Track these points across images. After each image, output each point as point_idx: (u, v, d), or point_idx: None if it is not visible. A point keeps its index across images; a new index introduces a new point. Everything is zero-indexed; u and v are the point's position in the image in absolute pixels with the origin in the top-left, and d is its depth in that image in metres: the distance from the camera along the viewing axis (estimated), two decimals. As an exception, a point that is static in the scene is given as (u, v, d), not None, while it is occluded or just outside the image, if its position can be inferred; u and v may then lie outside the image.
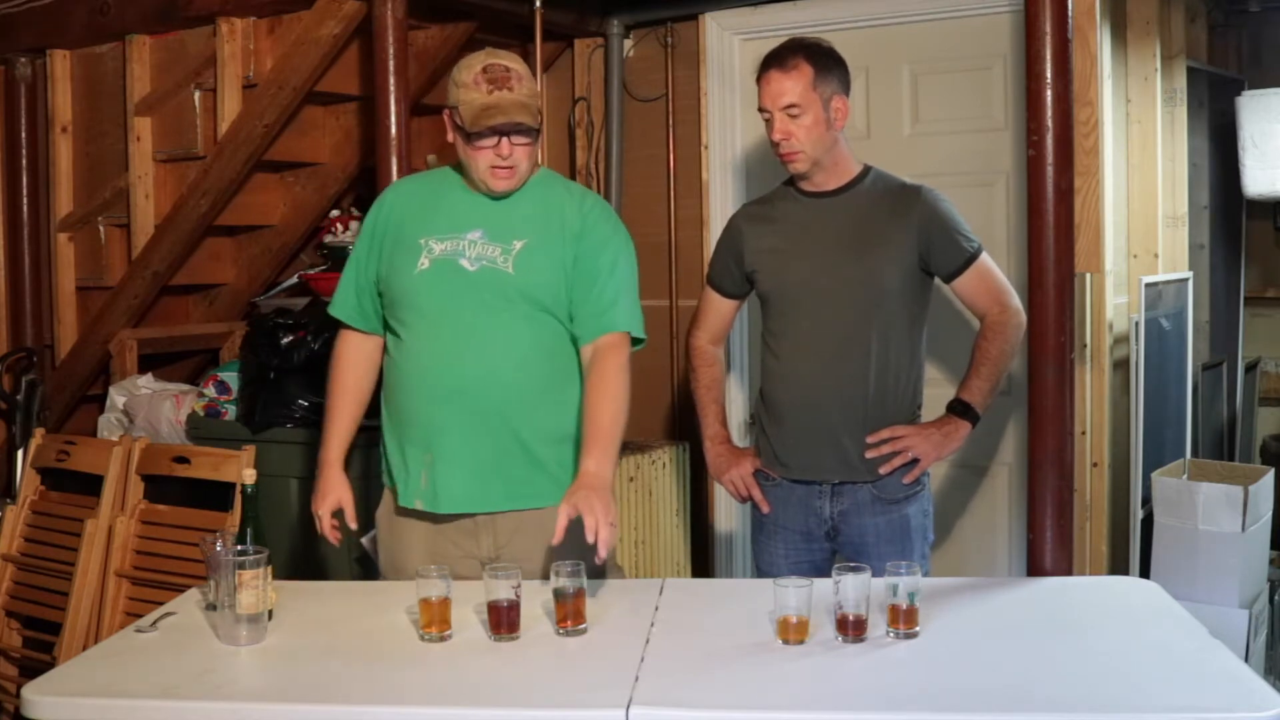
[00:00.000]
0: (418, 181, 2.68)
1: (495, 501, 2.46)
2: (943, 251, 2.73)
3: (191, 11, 3.86)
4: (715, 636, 2.13)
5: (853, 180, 2.77)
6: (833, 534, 2.77)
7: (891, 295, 2.70)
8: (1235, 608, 3.25)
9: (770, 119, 2.70)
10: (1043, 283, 2.49)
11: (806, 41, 2.73)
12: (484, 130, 2.36)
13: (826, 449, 2.73)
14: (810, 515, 2.77)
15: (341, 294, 2.60)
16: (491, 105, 2.35)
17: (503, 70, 2.38)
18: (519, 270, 2.42)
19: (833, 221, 2.74)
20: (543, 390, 2.46)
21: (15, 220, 4.44)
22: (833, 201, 2.76)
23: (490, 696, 1.90)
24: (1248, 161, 3.99)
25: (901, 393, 2.74)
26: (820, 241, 2.74)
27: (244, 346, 3.91)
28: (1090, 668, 1.93)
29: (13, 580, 3.42)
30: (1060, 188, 2.47)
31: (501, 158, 2.39)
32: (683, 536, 4.05)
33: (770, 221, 2.84)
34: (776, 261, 2.79)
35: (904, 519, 2.74)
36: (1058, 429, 2.49)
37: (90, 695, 1.94)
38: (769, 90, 2.69)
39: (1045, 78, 2.46)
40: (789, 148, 2.69)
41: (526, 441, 2.44)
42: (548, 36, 4.02)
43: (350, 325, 2.60)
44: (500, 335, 2.42)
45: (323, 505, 2.54)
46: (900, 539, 2.73)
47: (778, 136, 2.69)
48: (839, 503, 2.75)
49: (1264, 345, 4.69)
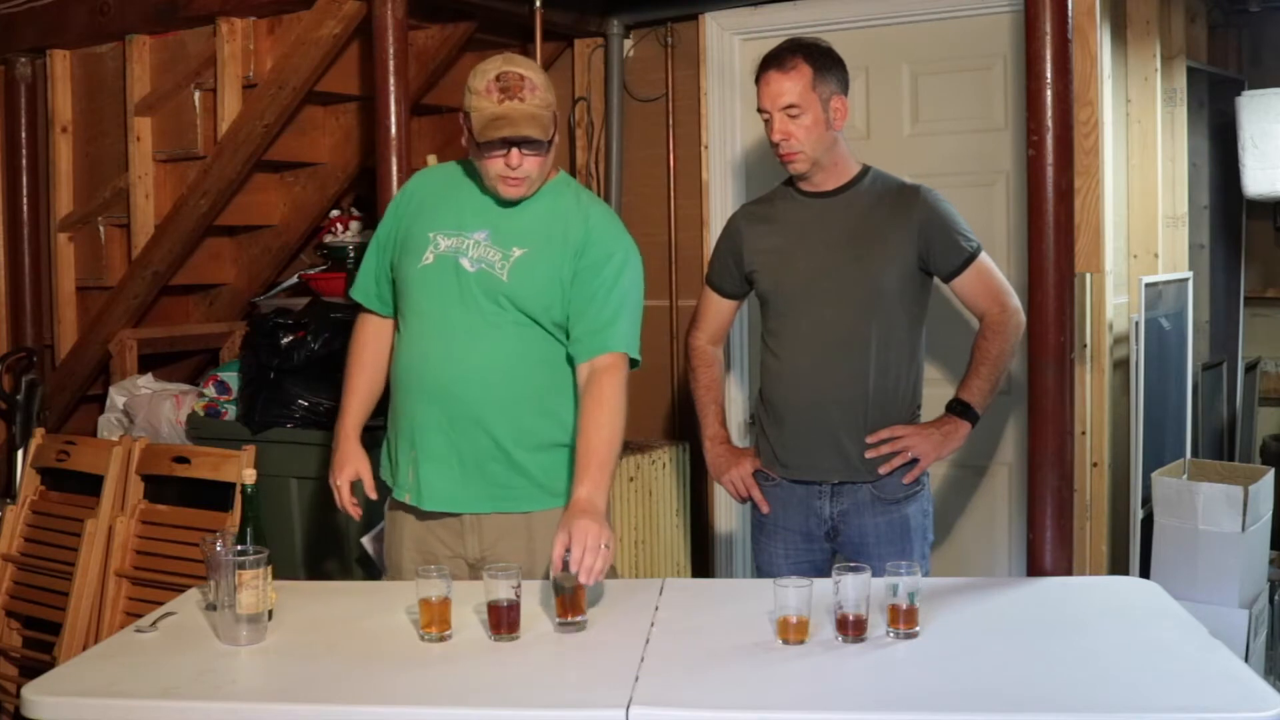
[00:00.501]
0: (442, 171, 2.61)
1: (477, 503, 2.46)
2: (942, 251, 2.72)
3: (191, 11, 3.85)
4: (715, 636, 2.13)
5: (852, 180, 2.77)
6: (833, 534, 2.77)
7: (891, 295, 2.70)
8: (1235, 608, 3.25)
9: (770, 119, 2.70)
10: (1043, 283, 2.49)
11: (805, 42, 2.74)
12: (493, 141, 2.33)
13: (826, 449, 2.73)
14: (810, 515, 2.77)
15: (362, 277, 2.62)
16: (500, 116, 2.31)
17: (516, 78, 2.33)
18: (513, 279, 2.41)
19: (832, 221, 2.74)
20: (526, 398, 2.44)
21: (15, 220, 4.44)
22: (832, 201, 2.76)
23: (490, 696, 1.90)
24: (1248, 161, 3.99)
25: (901, 393, 2.74)
26: (820, 241, 2.74)
27: (244, 346, 3.91)
28: (1090, 668, 1.93)
29: (13, 580, 3.42)
30: (1060, 188, 2.47)
31: (511, 168, 2.36)
32: (683, 536, 4.05)
33: (770, 221, 2.83)
34: (776, 262, 2.79)
35: (904, 519, 2.74)
36: (1058, 429, 2.49)
37: (90, 695, 1.94)
38: (768, 91, 2.69)
39: (1045, 78, 2.46)
40: (788, 148, 2.69)
41: (506, 447, 2.43)
42: (548, 36, 4.02)
43: (368, 308, 2.62)
44: (486, 340, 2.42)
45: (341, 475, 2.54)
46: (900, 539, 2.73)
47: (777, 137, 2.69)
48: (839, 503, 2.75)
49: (1264, 345, 4.69)
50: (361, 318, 2.66)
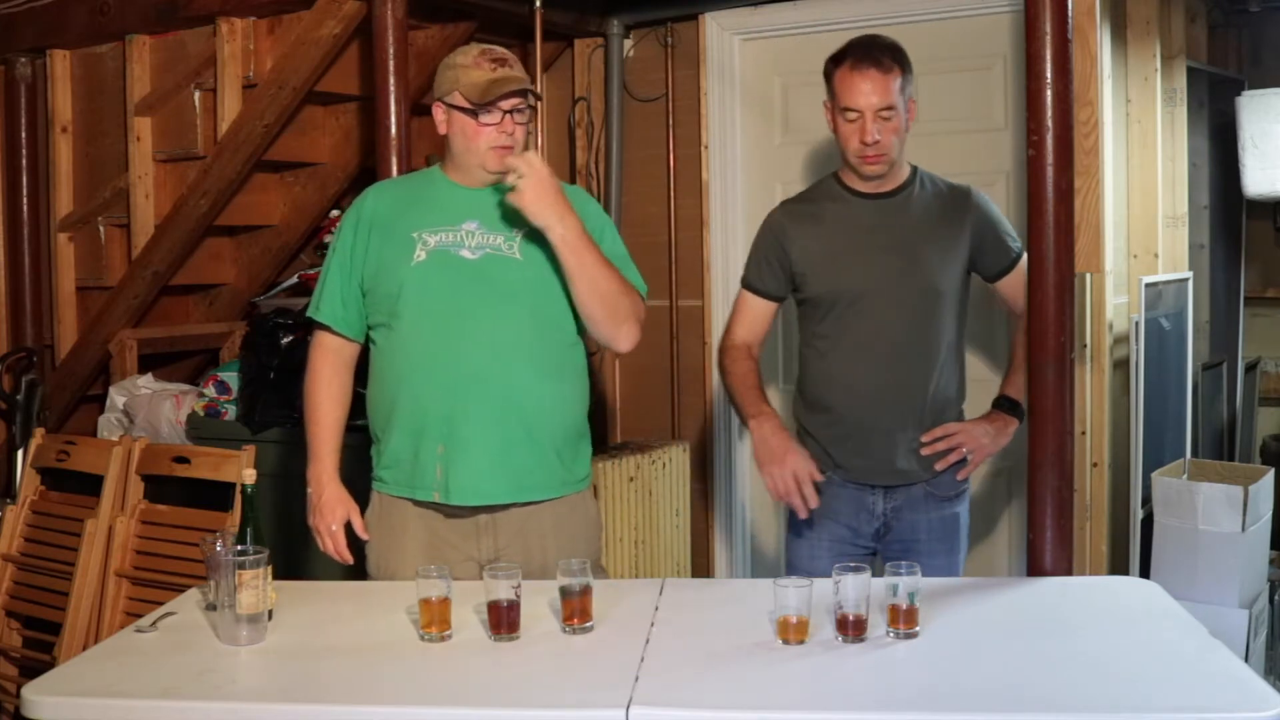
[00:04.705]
0: (397, 182, 2.71)
1: (503, 493, 2.46)
2: (992, 253, 2.74)
3: (191, 11, 3.86)
4: (715, 636, 2.13)
5: (906, 181, 2.74)
6: (884, 531, 2.76)
7: (948, 297, 2.71)
8: (1235, 608, 3.25)
9: (858, 120, 2.62)
10: (1043, 283, 2.48)
11: (889, 40, 2.69)
12: (495, 100, 2.40)
13: (885, 452, 2.71)
14: (862, 511, 2.76)
15: (326, 299, 2.54)
16: (499, 79, 2.42)
17: (500, 53, 2.47)
18: (526, 256, 2.45)
19: (891, 224, 2.71)
20: (548, 376, 2.47)
21: (15, 220, 4.44)
22: (888, 203, 2.72)
23: (490, 696, 1.90)
24: (1248, 161, 3.99)
25: (953, 392, 2.77)
26: (878, 245, 2.70)
27: (244, 346, 3.92)
28: (1090, 668, 1.93)
29: (13, 580, 3.42)
30: (1060, 188, 2.47)
31: (506, 134, 2.43)
32: (683, 536, 4.05)
33: (819, 222, 2.76)
34: (832, 264, 2.72)
35: (955, 516, 2.77)
36: (1058, 429, 2.49)
37: (90, 695, 1.93)
38: (864, 89, 2.60)
39: (1045, 78, 2.46)
40: (878, 150, 2.62)
41: (533, 429, 2.45)
42: (548, 36, 4.02)
43: (332, 329, 2.55)
44: (504, 322, 2.43)
45: (333, 519, 2.50)
46: (951, 536, 2.76)
47: (870, 139, 2.61)
48: (893, 499, 2.74)
49: (1264, 345, 4.69)
50: (318, 349, 2.58)
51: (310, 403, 2.58)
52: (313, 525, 2.53)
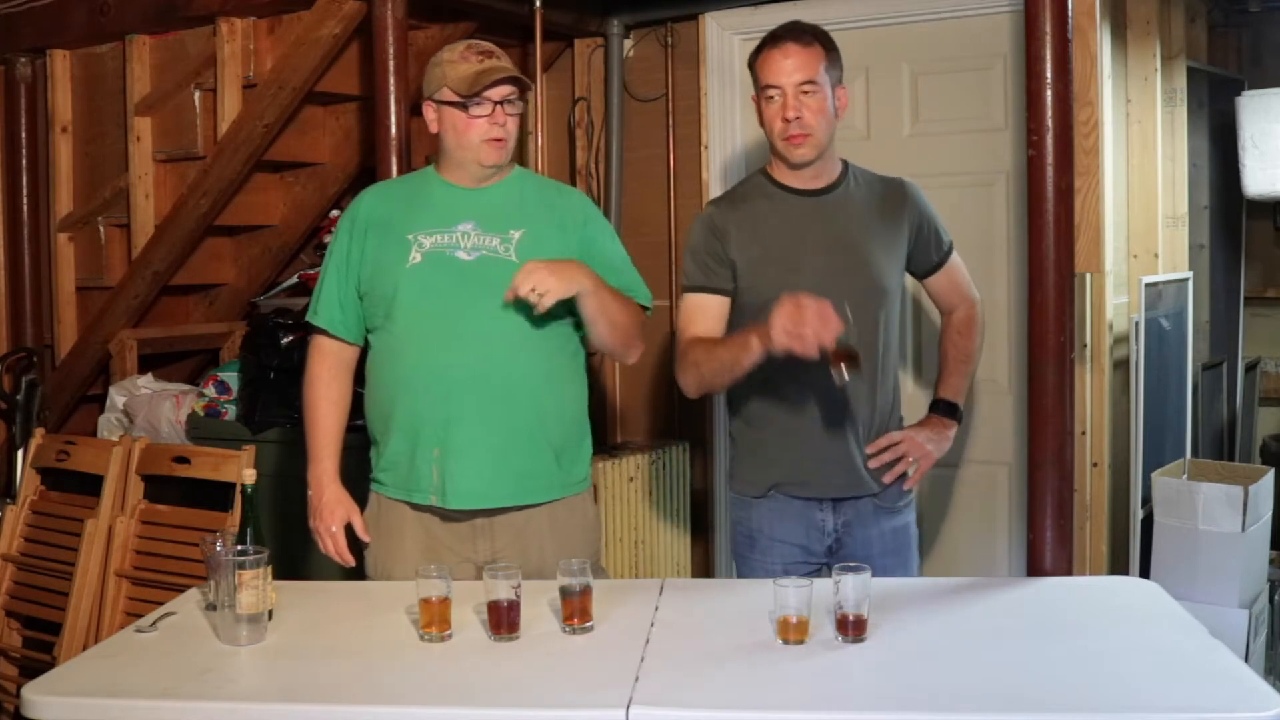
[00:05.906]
0: (392, 184, 2.71)
1: (502, 496, 2.46)
2: (926, 248, 2.66)
3: (191, 11, 3.86)
4: (715, 636, 2.13)
5: (840, 177, 2.63)
6: (835, 548, 2.62)
7: (891, 297, 2.62)
8: (1235, 608, 3.25)
9: (777, 96, 2.51)
10: (1043, 283, 2.48)
11: (813, 25, 2.61)
12: (483, 89, 2.40)
13: (837, 464, 2.59)
14: (810, 529, 2.62)
15: (324, 303, 2.54)
16: (486, 69, 2.43)
17: (486, 46, 2.49)
18: (523, 258, 2.42)
19: (830, 222, 2.59)
20: (545, 377, 2.47)
21: (15, 220, 4.44)
22: (825, 201, 2.60)
23: (490, 696, 1.90)
24: (1248, 161, 3.99)
25: (895, 397, 2.69)
26: (820, 245, 2.57)
27: (244, 346, 3.92)
28: (1090, 668, 1.93)
29: (13, 580, 3.42)
30: (1060, 188, 2.47)
31: (498, 125, 2.44)
32: (683, 536, 4.05)
33: (754, 222, 2.60)
34: (770, 267, 2.55)
35: (905, 527, 2.68)
36: (1058, 429, 2.49)
37: (90, 695, 1.93)
38: (782, 64, 2.50)
39: (1045, 78, 2.46)
40: (800, 128, 2.50)
41: (530, 431, 2.45)
42: (548, 36, 4.02)
43: (331, 333, 2.55)
44: (500, 324, 2.42)
45: (334, 521, 2.50)
46: (904, 548, 2.67)
47: (790, 114, 2.49)
48: (842, 514, 2.62)
49: (1264, 345, 4.69)
50: (317, 352, 2.58)
51: (309, 406, 2.58)
52: (313, 527, 2.53)
